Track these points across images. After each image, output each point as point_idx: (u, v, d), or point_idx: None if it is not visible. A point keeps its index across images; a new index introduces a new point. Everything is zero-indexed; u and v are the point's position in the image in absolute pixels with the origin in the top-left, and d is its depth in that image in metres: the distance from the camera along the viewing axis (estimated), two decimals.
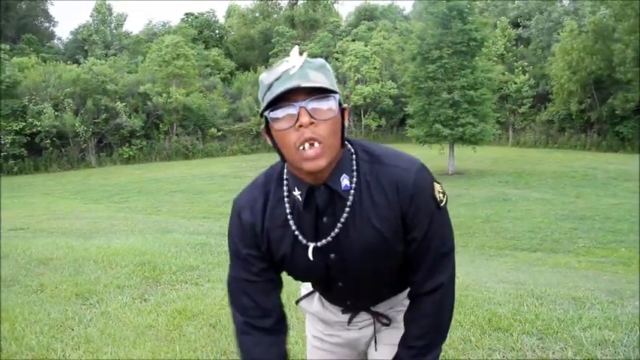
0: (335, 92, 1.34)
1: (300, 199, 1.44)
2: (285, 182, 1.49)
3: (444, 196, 1.49)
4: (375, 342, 1.72)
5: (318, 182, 1.41)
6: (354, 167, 1.44)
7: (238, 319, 1.56)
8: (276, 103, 1.32)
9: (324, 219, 1.45)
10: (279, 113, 1.32)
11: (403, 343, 1.57)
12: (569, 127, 31.97)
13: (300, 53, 1.37)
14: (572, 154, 27.98)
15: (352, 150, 1.47)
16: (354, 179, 1.43)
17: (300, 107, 1.30)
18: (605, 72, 29.02)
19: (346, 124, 1.41)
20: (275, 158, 1.49)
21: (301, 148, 1.31)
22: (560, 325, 3.45)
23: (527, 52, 36.13)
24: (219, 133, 34.52)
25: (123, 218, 11.96)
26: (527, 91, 33.16)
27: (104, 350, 3.35)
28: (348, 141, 1.48)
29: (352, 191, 1.43)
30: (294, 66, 1.33)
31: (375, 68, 36.05)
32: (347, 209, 1.43)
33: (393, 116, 36.83)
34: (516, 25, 37.92)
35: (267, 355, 1.55)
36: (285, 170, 1.49)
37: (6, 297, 4.47)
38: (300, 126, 1.30)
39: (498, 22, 35.40)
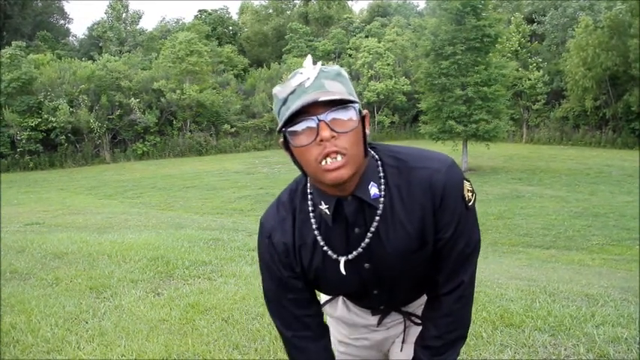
0: (354, 102, 1.29)
1: (328, 212, 1.39)
2: (309, 197, 1.45)
3: (472, 195, 1.45)
4: (403, 341, 1.69)
5: (345, 194, 1.36)
6: (381, 174, 1.40)
7: (285, 334, 1.57)
8: (294, 117, 1.27)
9: (356, 230, 1.41)
10: (297, 128, 1.27)
11: (421, 342, 1.55)
12: (583, 124, 31.67)
13: (314, 63, 1.32)
14: (587, 151, 27.75)
15: (377, 157, 1.42)
16: (382, 187, 1.39)
17: (320, 121, 1.25)
18: (621, 68, 28.70)
19: (367, 131, 1.36)
20: (286, 155, 1.49)
21: (323, 162, 1.27)
22: (572, 322, 3.43)
23: (541, 49, 35.82)
24: (233, 130, 34.61)
25: (136, 214, 12.04)
26: (541, 87, 32.90)
27: (118, 343, 3.39)
28: (372, 147, 1.44)
29: (382, 199, 1.39)
30: (308, 78, 1.28)
31: (388, 65, 35.95)
32: (377, 218, 1.39)
33: (406, 113, 36.71)
34: (531, 21, 37.59)
35: (318, 358, 1.57)
36: (309, 184, 1.45)
37: (22, 290, 4.53)
38: (322, 140, 1.25)
39: (512, 18, 35.11)
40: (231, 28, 49.04)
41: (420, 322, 1.63)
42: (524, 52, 34.49)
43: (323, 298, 1.77)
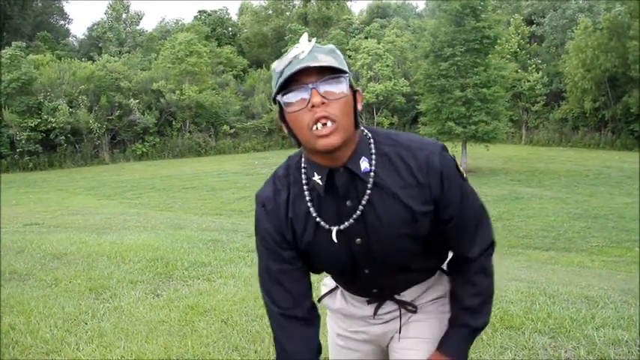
0: (345, 72, 1.36)
1: (321, 183, 1.44)
2: (303, 170, 1.50)
3: (463, 170, 1.54)
4: (400, 332, 1.70)
5: (337, 165, 1.42)
6: (373, 151, 1.45)
7: (272, 309, 1.58)
8: (288, 87, 1.35)
9: (347, 202, 1.46)
10: (291, 97, 1.35)
11: (459, 305, 1.61)
12: (582, 126, 31.71)
13: (309, 39, 1.38)
14: (586, 153, 27.78)
15: (369, 135, 1.48)
16: (374, 162, 1.44)
17: (312, 88, 1.32)
18: (620, 70, 28.75)
19: (359, 107, 1.42)
20: (286, 156, 1.50)
21: (314, 128, 1.33)
22: (572, 324, 3.42)
23: (540, 50, 35.86)
24: (232, 131, 34.62)
25: (136, 214, 12.03)
26: (540, 89, 32.94)
27: (117, 344, 3.38)
28: (365, 128, 1.50)
29: (372, 174, 1.44)
30: (303, 51, 1.35)
31: (387, 66, 35.91)
32: (368, 192, 1.44)
33: (405, 114, 36.69)
34: (530, 23, 37.65)
35: (300, 347, 1.57)
36: (303, 158, 1.50)
37: (22, 291, 4.52)
38: (313, 106, 1.32)
39: (512, 19, 35.15)
40: (230, 28, 49.00)
41: (415, 310, 1.68)
42: (523, 54, 34.53)
43: (322, 290, 1.80)
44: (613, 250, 10.09)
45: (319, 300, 1.79)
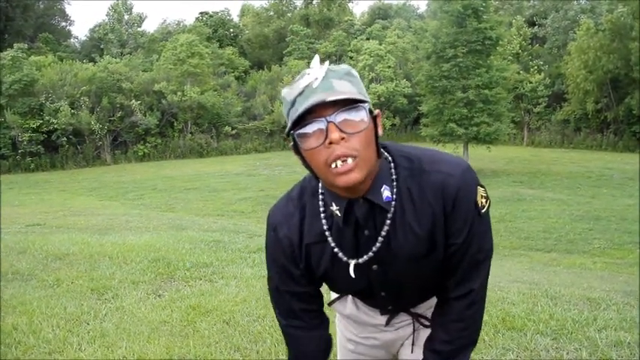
0: (364, 101, 1.26)
1: (339, 214, 1.36)
2: (320, 197, 1.42)
3: (486, 202, 1.42)
4: (413, 343, 1.67)
5: (357, 195, 1.33)
6: (394, 177, 1.37)
7: (281, 322, 1.61)
8: (303, 119, 1.23)
9: (366, 232, 1.39)
10: (306, 130, 1.24)
11: (430, 346, 1.53)
12: (585, 127, 31.68)
13: (322, 62, 1.29)
14: (588, 154, 27.73)
15: (390, 158, 1.40)
16: (395, 189, 1.36)
17: (329, 122, 1.21)
18: (622, 71, 28.71)
19: (380, 132, 1.33)
20: (287, 157, 1.48)
21: (333, 165, 1.23)
22: (574, 325, 3.42)
23: (542, 51, 35.85)
24: (234, 132, 34.63)
25: (137, 215, 12.03)
26: (542, 90, 32.90)
27: (119, 345, 3.38)
28: (385, 148, 1.41)
29: (393, 202, 1.36)
30: (316, 78, 1.24)
31: (389, 67, 35.94)
32: (388, 221, 1.36)
33: (407, 115, 36.71)
34: (532, 24, 37.65)
35: (307, 349, 1.60)
36: (320, 184, 1.42)
37: (24, 291, 4.52)
38: (331, 142, 1.22)
39: (514, 20, 35.13)
40: (232, 30, 49.01)
41: (428, 324, 1.62)
42: (525, 55, 34.51)
43: (332, 295, 1.76)
44: (615, 251, 10.07)
45: (329, 304, 1.77)
